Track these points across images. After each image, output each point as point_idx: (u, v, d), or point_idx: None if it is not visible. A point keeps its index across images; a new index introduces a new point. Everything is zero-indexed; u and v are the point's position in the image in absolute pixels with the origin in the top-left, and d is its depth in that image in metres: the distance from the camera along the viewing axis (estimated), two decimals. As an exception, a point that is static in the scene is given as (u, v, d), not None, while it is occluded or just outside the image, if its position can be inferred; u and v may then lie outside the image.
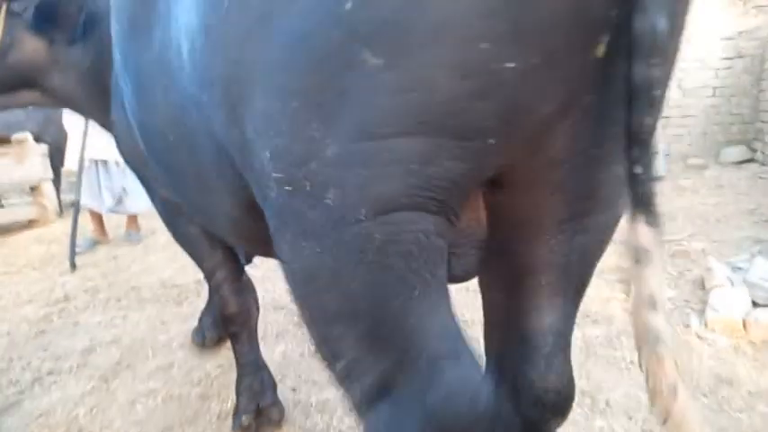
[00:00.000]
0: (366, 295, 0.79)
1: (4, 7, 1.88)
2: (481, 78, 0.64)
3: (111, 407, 2.16)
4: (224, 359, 2.46)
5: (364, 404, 0.88)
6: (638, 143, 0.68)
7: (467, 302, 1.91)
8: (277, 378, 2.14)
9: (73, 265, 4.04)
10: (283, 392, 2.09)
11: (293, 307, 2.85)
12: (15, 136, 5.46)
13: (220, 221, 1.34)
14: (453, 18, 0.62)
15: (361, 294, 0.79)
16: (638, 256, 0.69)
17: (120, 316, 3.11)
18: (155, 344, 2.71)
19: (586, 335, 2.50)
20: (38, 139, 5.74)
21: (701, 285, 2.86)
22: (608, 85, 0.71)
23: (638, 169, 0.68)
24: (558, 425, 1.11)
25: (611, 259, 3.05)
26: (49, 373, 2.47)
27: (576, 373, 1.62)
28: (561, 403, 1.08)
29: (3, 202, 6.57)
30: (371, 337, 0.83)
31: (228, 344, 2.14)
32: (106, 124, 1.93)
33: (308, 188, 0.74)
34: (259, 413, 1.93)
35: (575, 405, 1.60)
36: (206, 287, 3.41)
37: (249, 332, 2.00)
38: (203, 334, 2.60)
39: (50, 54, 1.92)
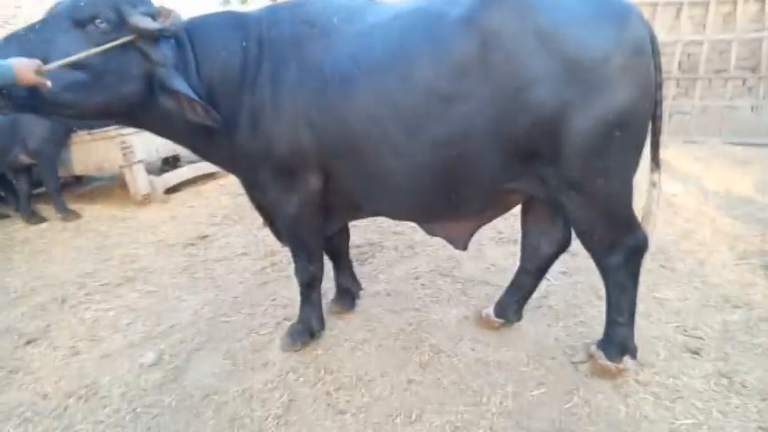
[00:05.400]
0: None
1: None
2: None
3: (338, 349, 2.95)
4: (412, 317, 3.18)
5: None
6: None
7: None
8: (455, 339, 2.82)
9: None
10: (463, 350, 2.76)
11: (457, 274, 3.67)
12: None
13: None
14: None
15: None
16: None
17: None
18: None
19: (726, 320, 2.83)
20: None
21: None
22: None
23: None
24: None
25: (755, 243, 3.60)
26: (285, 319, 3.30)
27: (714, 356, 2.52)
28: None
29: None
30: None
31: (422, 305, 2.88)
32: (191, 136, 2.48)
33: None
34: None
35: (713, 384, 2.42)
36: (381, 250, 4.16)
37: None
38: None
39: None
